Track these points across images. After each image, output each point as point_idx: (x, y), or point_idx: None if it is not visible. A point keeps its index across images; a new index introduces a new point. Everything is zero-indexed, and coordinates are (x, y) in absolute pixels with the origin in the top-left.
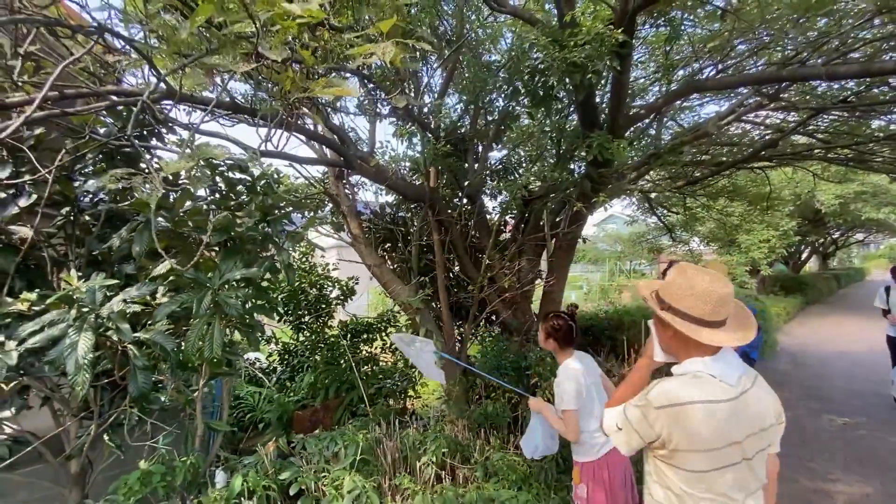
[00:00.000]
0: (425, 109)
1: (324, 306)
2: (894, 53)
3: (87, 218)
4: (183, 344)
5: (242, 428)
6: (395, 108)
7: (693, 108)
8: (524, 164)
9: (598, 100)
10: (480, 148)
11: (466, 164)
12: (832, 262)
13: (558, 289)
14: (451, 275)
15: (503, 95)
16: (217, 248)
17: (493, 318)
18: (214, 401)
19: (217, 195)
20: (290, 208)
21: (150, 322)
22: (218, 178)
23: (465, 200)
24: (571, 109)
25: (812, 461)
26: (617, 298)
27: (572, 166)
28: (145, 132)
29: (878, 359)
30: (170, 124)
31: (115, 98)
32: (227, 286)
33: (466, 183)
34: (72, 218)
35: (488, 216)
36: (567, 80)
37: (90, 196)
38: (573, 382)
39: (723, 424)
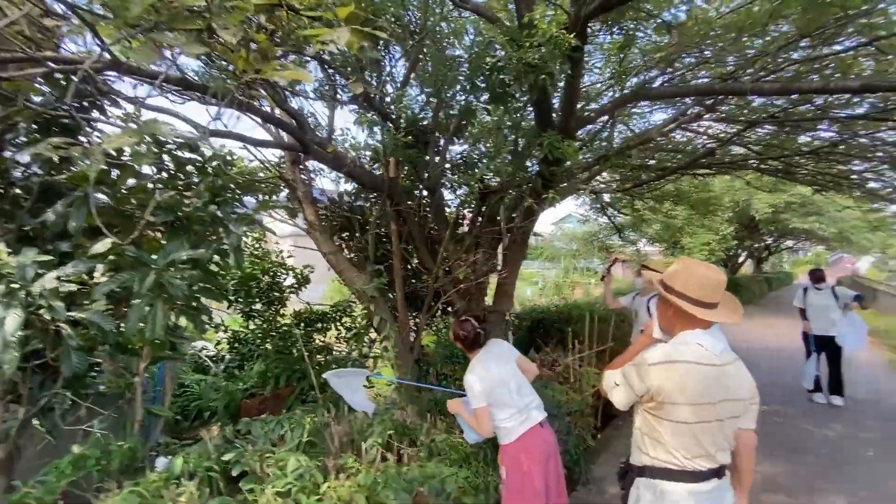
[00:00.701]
0: (387, 99)
1: (276, 294)
2: (817, 76)
3: (17, 191)
4: (122, 326)
5: (187, 417)
6: (356, 95)
7: (644, 116)
8: (483, 160)
9: (552, 101)
10: (442, 141)
11: (427, 157)
12: (765, 266)
13: (511, 281)
14: (408, 266)
15: (463, 90)
16: (162, 230)
17: (448, 308)
18: (157, 385)
19: (164, 174)
20: (242, 191)
21: (86, 302)
22: (166, 157)
23: (424, 192)
24: (529, 109)
25: None
26: (570, 294)
27: (528, 164)
28: (85, 104)
29: (798, 355)
30: (113, 97)
31: (53, 65)
32: (172, 267)
33: (426, 175)
34: (1, 191)
35: (447, 209)
36: (522, 79)
37: (22, 169)
38: (478, 381)
39: (705, 384)
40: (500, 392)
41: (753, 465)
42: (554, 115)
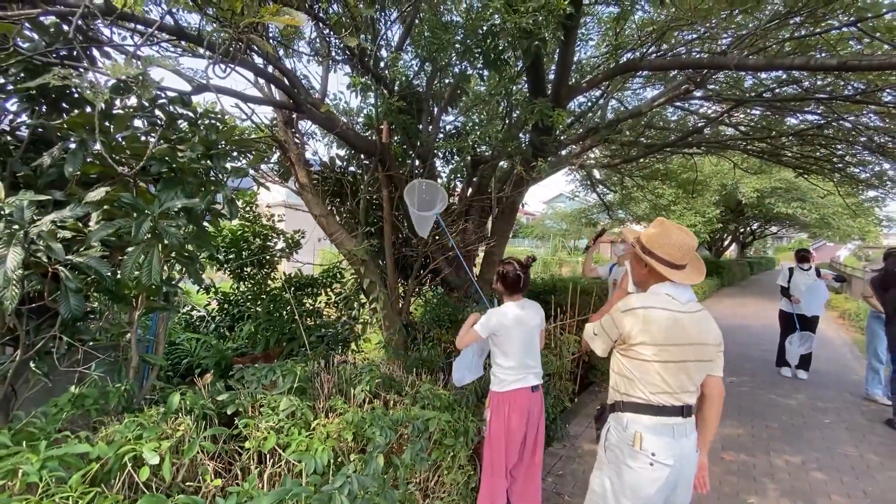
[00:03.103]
0: (381, 64)
1: (267, 257)
2: (805, 56)
3: (7, 138)
4: (119, 272)
5: (179, 374)
6: (351, 55)
7: (636, 92)
8: (476, 129)
9: (545, 70)
10: (435, 110)
11: (420, 126)
12: (749, 251)
13: (499, 251)
14: (399, 234)
15: (458, 55)
16: (155, 182)
17: (437, 276)
18: (150, 334)
19: (156, 128)
20: (236, 146)
21: (82, 249)
22: (158, 112)
23: (416, 162)
24: (523, 80)
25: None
26: (557, 271)
27: (520, 136)
28: (75, 53)
29: (770, 332)
30: (105, 48)
31: (46, 7)
32: (167, 215)
33: (419, 143)
34: None
35: (439, 179)
36: (517, 45)
37: (9, 117)
38: (495, 319)
39: (668, 325)
40: (507, 342)
41: (719, 413)
42: (547, 86)
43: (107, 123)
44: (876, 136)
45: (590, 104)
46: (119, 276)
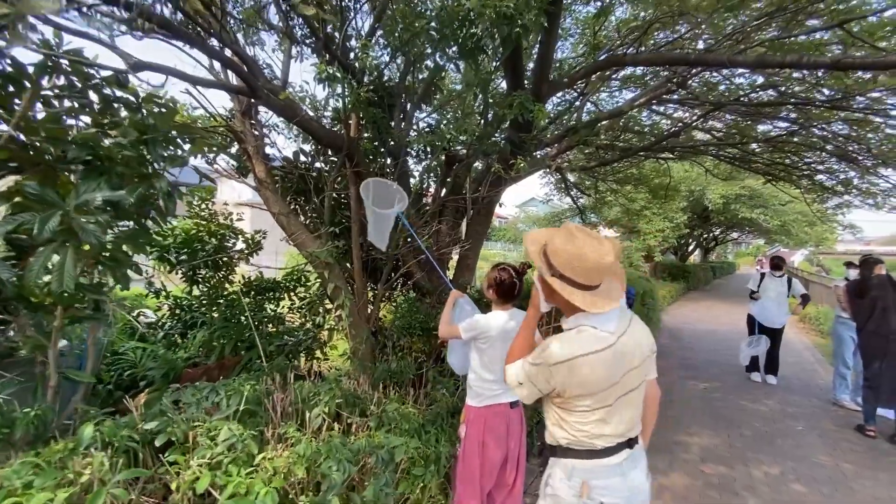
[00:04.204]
0: (351, 56)
1: (224, 259)
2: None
3: None
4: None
5: (122, 387)
6: (315, 38)
7: (613, 95)
8: (451, 125)
9: (525, 61)
10: (408, 105)
11: (392, 123)
12: (711, 255)
13: (473, 254)
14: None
15: (432, 42)
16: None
17: (408, 280)
18: (84, 350)
19: (85, 110)
20: (178, 133)
21: None
22: (93, 95)
23: (388, 160)
24: (500, 75)
25: (677, 418)
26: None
27: (496, 135)
28: None
29: (735, 336)
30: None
31: None
32: (84, 210)
33: (390, 141)
34: None
35: (411, 179)
36: (495, 32)
37: None
38: (482, 323)
39: (605, 370)
40: (491, 353)
41: (655, 414)
42: (526, 82)
43: (17, 101)
44: (846, 145)
45: (567, 105)
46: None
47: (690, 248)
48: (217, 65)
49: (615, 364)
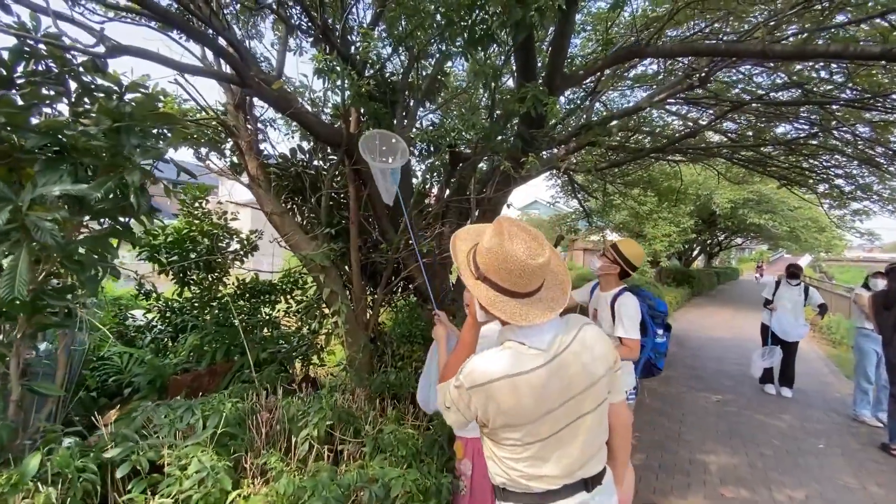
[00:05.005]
0: (351, 49)
1: (217, 260)
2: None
3: None
4: None
5: (108, 393)
6: (314, 26)
7: (624, 94)
8: (457, 122)
9: (537, 51)
10: (412, 101)
11: (395, 121)
12: (715, 261)
13: None
14: (368, 238)
15: (438, 31)
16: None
17: (409, 284)
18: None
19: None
20: (158, 122)
21: None
22: (72, 82)
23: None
24: (507, 73)
25: (691, 434)
26: None
27: (504, 132)
28: None
29: (744, 344)
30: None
31: None
32: (40, 205)
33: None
34: None
35: (414, 180)
36: (507, 17)
37: None
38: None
39: (533, 397)
40: None
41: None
42: (538, 74)
43: None
44: (870, 147)
45: (577, 103)
46: None
47: (694, 253)
48: (210, 56)
49: (549, 388)
